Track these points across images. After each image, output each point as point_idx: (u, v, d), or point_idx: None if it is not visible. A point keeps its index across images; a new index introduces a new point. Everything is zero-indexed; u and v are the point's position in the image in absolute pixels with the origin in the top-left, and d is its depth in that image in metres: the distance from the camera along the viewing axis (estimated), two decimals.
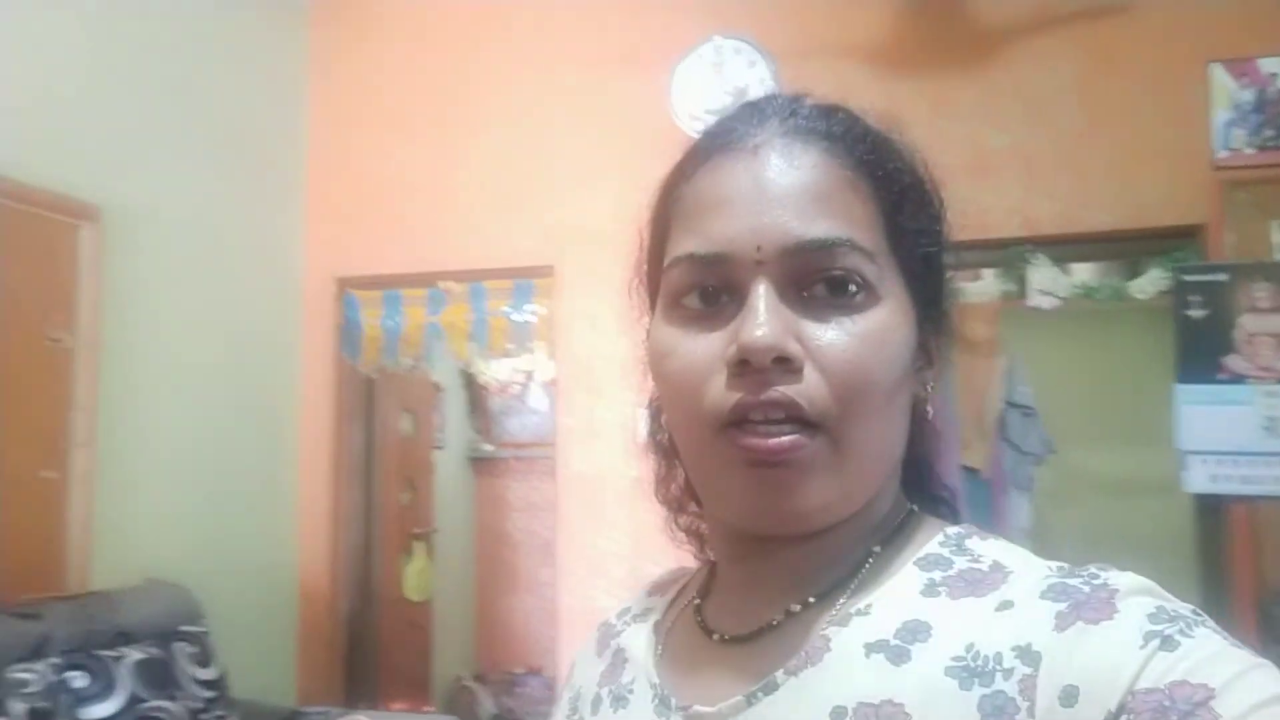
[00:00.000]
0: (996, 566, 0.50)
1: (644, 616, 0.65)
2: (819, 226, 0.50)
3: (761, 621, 0.54)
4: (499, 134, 3.36)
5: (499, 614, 4.65)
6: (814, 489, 0.50)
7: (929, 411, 0.58)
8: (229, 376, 3.13)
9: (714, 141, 0.55)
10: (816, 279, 0.50)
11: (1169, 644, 0.41)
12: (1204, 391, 2.06)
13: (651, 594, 0.68)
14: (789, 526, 0.52)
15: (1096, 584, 0.46)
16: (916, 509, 0.58)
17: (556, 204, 3.25)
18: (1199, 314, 2.11)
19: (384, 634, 3.57)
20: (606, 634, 0.67)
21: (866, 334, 0.50)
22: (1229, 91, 2.59)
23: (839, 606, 0.52)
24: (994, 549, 0.52)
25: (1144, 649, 0.41)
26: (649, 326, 0.57)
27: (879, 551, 0.54)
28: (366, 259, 3.47)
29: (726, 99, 2.73)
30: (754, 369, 0.48)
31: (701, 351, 0.51)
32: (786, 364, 0.48)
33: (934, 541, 0.54)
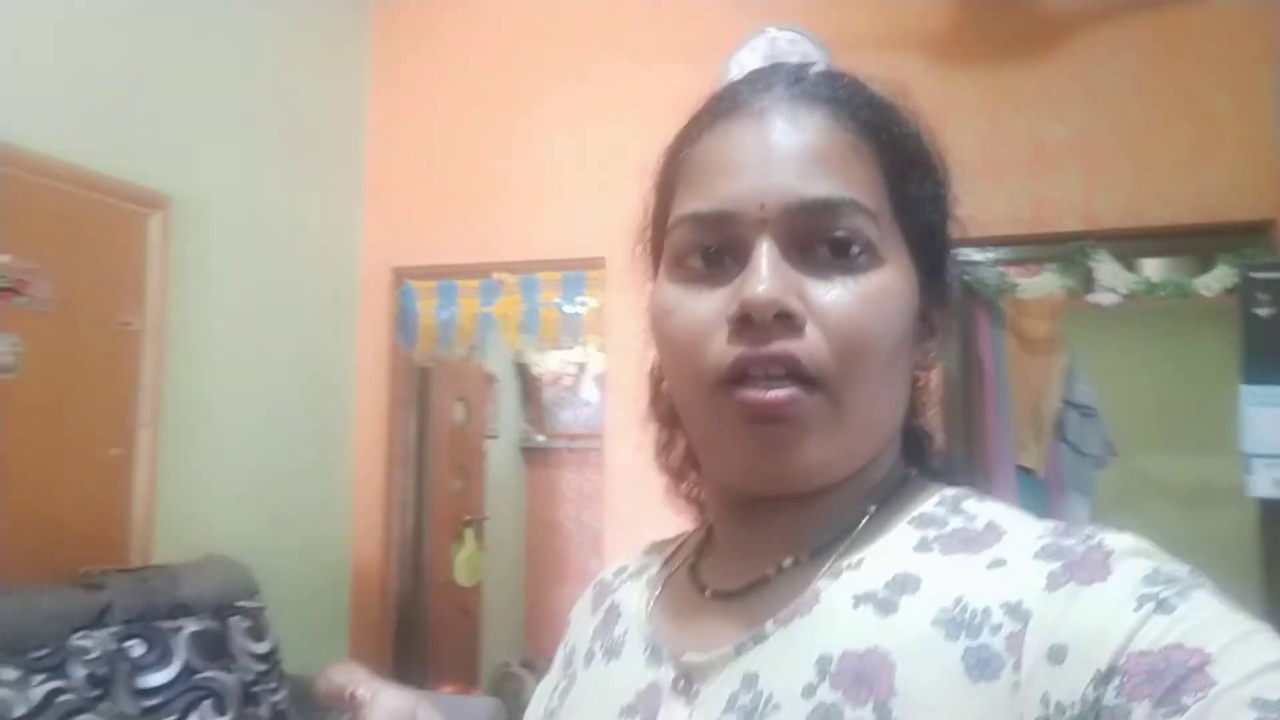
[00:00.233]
0: (991, 526, 0.50)
1: (639, 574, 0.66)
2: (822, 186, 0.50)
3: (754, 576, 0.54)
4: (554, 127, 3.39)
5: (547, 602, 4.70)
6: (812, 447, 0.50)
7: (928, 380, 0.58)
8: (288, 361, 3.21)
9: (720, 106, 0.56)
10: (819, 239, 0.50)
11: (1164, 607, 0.40)
12: (1271, 393, 1.98)
13: (649, 553, 0.69)
14: (787, 485, 0.52)
15: (1091, 544, 0.45)
16: (915, 473, 0.58)
17: (609, 196, 3.26)
18: (1267, 312, 2.02)
19: (433, 617, 3.63)
20: (602, 591, 0.68)
21: (868, 294, 0.50)
22: None
23: (831, 561, 0.52)
24: (990, 510, 0.52)
25: (1138, 611, 0.40)
26: (652, 289, 0.58)
27: (874, 511, 0.54)
28: (423, 249, 3.53)
29: None
30: (755, 325, 0.48)
31: (703, 309, 0.51)
32: (788, 321, 0.48)
33: (930, 502, 0.54)
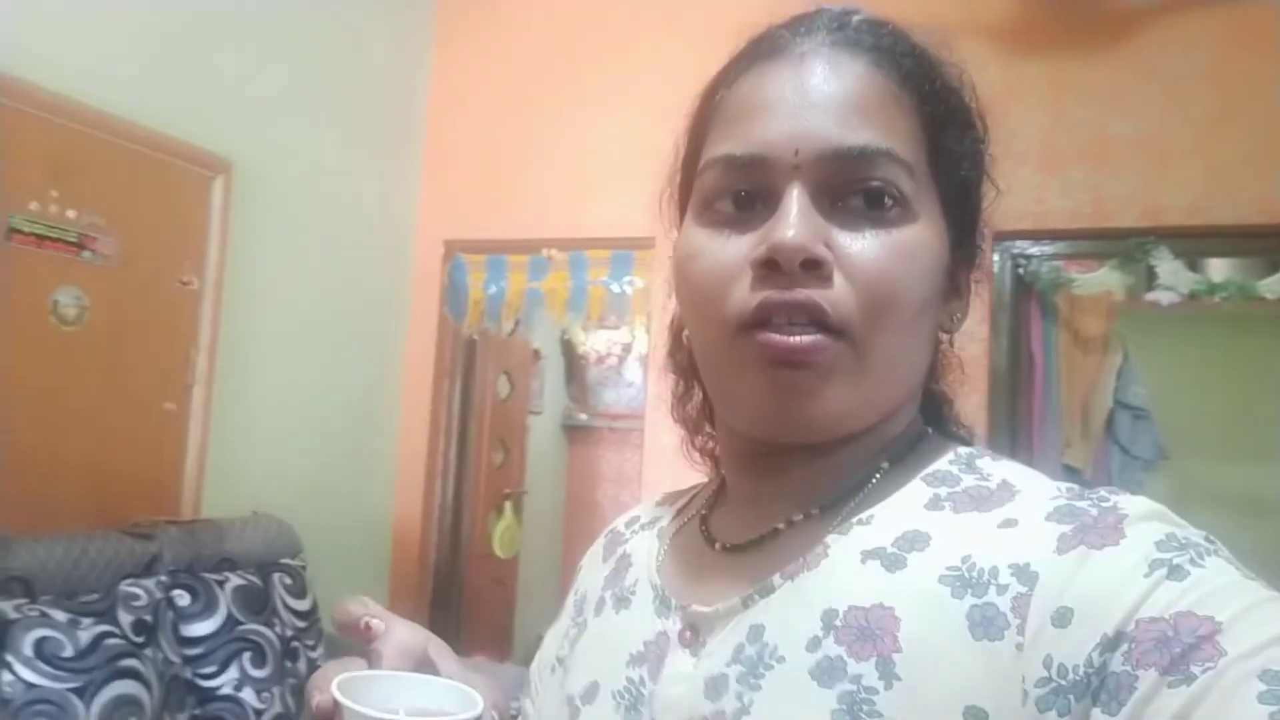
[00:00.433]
0: (1005, 485, 0.49)
1: (651, 525, 0.66)
2: (859, 135, 0.49)
3: (764, 530, 0.54)
4: (609, 106, 3.39)
5: None
6: (832, 395, 0.49)
7: (952, 342, 0.57)
8: (340, 327, 3.27)
9: (759, 49, 0.54)
10: (853, 189, 0.49)
11: (1177, 573, 0.39)
12: None
13: (660, 504, 0.69)
14: (803, 432, 0.51)
15: (1105, 507, 0.44)
16: (931, 431, 0.57)
17: (660, 176, 3.26)
18: None
19: (470, 586, 3.68)
20: (614, 541, 0.68)
21: (899, 247, 0.49)
22: None
23: (841, 516, 0.52)
24: (1005, 469, 0.52)
25: (1149, 577, 0.40)
26: (677, 236, 0.57)
27: (887, 468, 0.53)
28: (475, 223, 3.56)
29: None
30: (782, 271, 0.47)
31: (730, 253, 0.50)
32: (816, 269, 0.47)
33: (944, 459, 0.53)
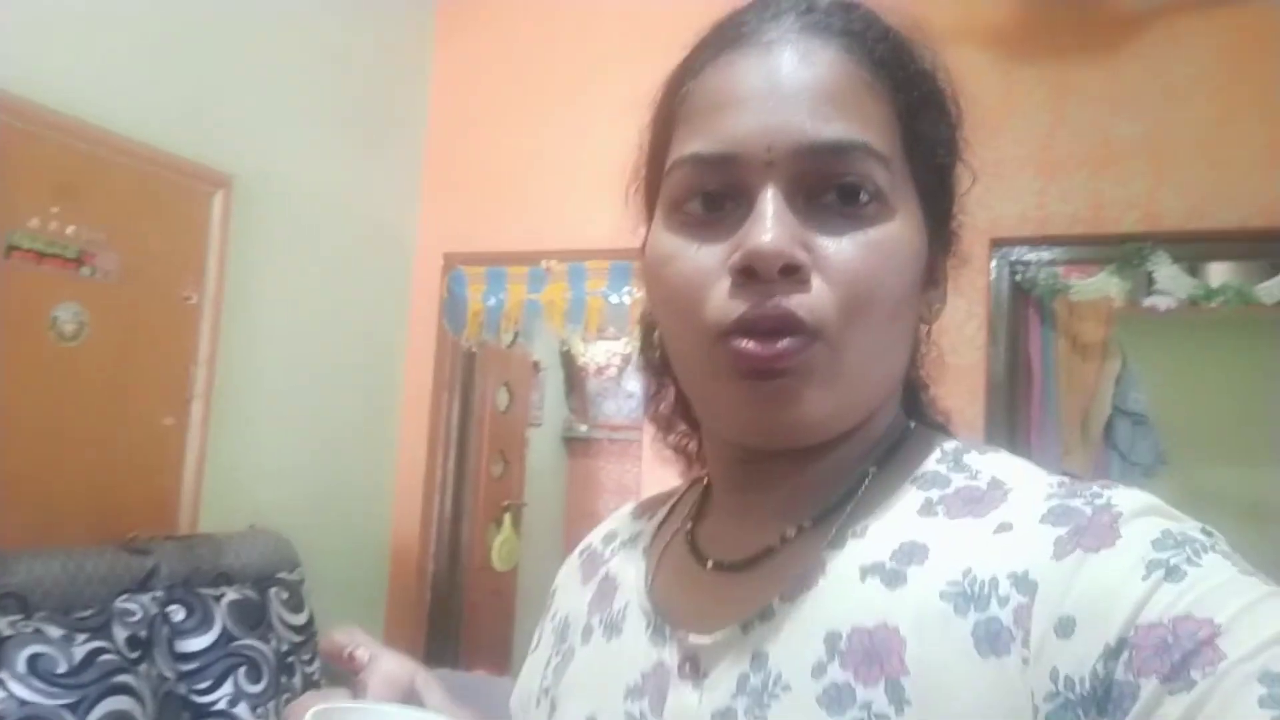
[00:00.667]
0: (995, 484, 0.48)
1: (632, 542, 0.63)
2: (834, 128, 0.47)
3: (757, 548, 0.52)
4: (608, 117, 3.35)
5: None
6: (811, 399, 0.47)
7: (930, 332, 0.56)
8: (339, 341, 3.27)
9: (724, 36, 0.52)
10: (828, 186, 0.47)
11: (1174, 574, 0.39)
12: None
13: (637, 517, 0.66)
14: (786, 439, 0.50)
15: (1099, 504, 0.43)
16: (914, 425, 0.56)
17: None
18: None
19: (469, 599, 3.67)
20: (593, 560, 0.66)
21: (877, 245, 0.47)
22: None
23: (835, 530, 0.50)
24: (992, 463, 0.51)
25: (1147, 580, 0.39)
26: (645, 236, 0.55)
27: (875, 472, 0.52)
28: (474, 236, 3.57)
29: None
30: (760, 278, 0.46)
31: (704, 259, 0.48)
32: (794, 274, 0.46)
33: (931, 459, 0.52)
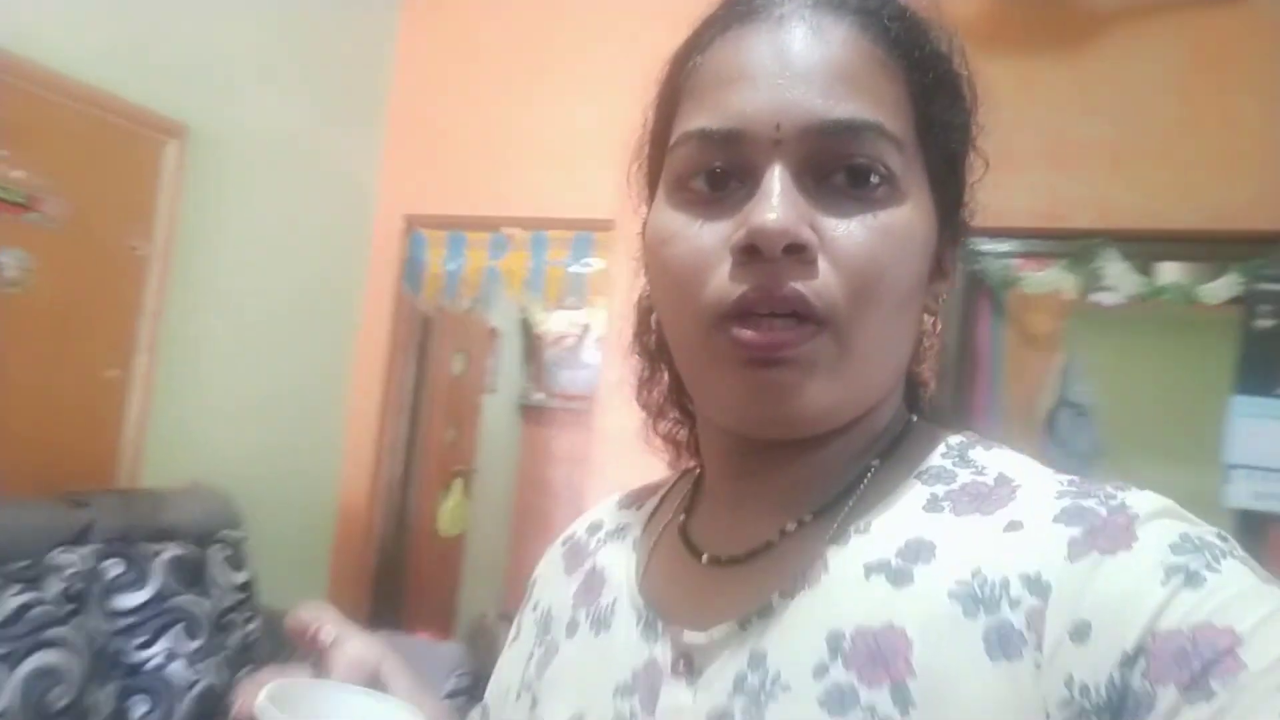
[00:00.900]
0: (1002, 480, 0.47)
1: (620, 534, 0.61)
2: (845, 107, 0.45)
3: (755, 541, 0.51)
4: (576, 87, 3.36)
5: (530, 558, 4.61)
6: (814, 390, 0.46)
7: (936, 325, 0.54)
8: (293, 299, 3.22)
9: (734, 9, 0.50)
10: (837, 166, 0.46)
11: (1194, 580, 0.38)
12: (1260, 404, 1.96)
13: (624, 508, 0.64)
14: (786, 429, 0.48)
15: (1114, 505, 0.42)
16: (916, 419, 0.54)
17: (624, 159, 3.24)
18: (1267, 324, 2.00)
19: (415, 563, 3.67)
20: (577, 551, 0.64)
21: (887, 229, 0.46)
22: None
23: (837, 524, 0.49)
24: (998, 459, 0.49)
25: (1166, 585, 0.38)
26: (646, 215, 0.53)
27: (878, 465, 0.50)
28: (436, 198, 3.52)
29: None
30: (763, 257, 0.44)
31: (706, 238, 0.46)
32: (799, 254, 0.44)
33: (935, 453, 0.51)
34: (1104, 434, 2.94)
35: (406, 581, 3.60)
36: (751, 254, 0.44)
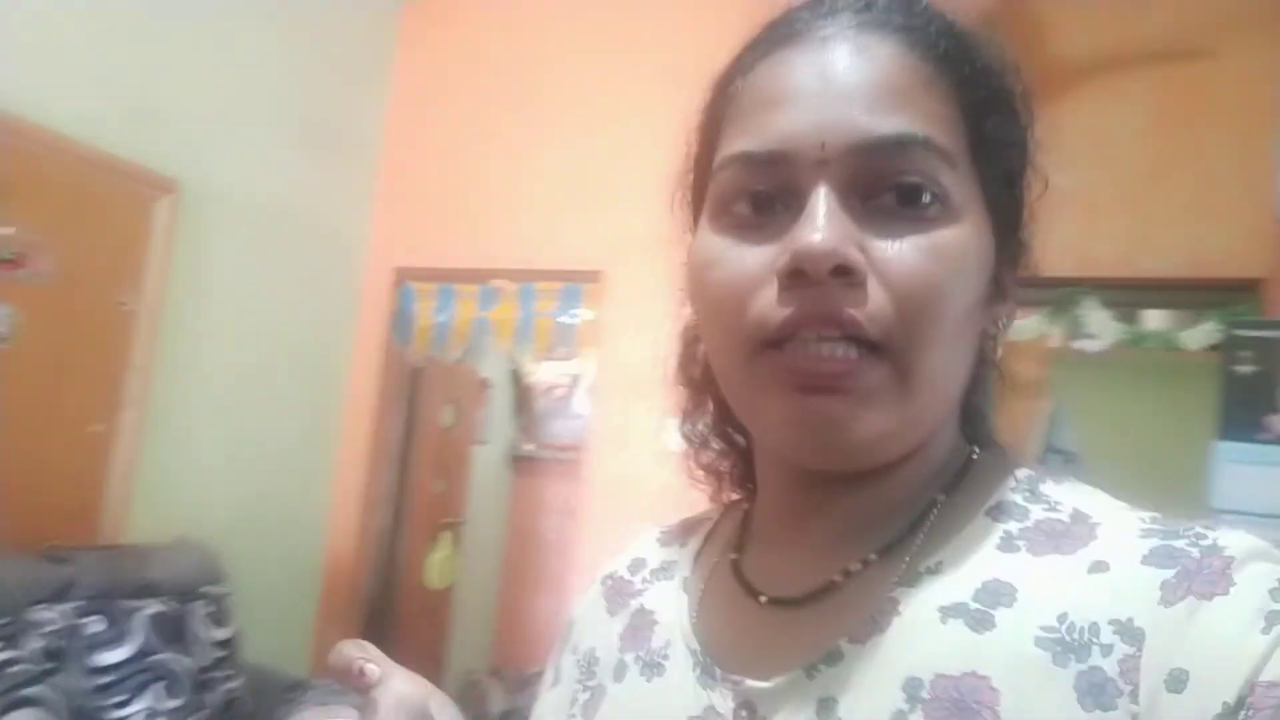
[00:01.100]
0: (1079, 517, 0.45)
1: (666, 572, 0.58)
2: (891, 122, 0.44)
3: (815, 581, 0.48)
4: (563, 139, 3.42)
5: (520, 611, 4.66)
6: (871, 421, 0.43)
7: (997, 351, 0.51)
8: (282, 352, 3.24)
9: (777, 33, 0.49)
10: (886, 185, 0.44)
11: None
12: (1244, 450, 1.97)
13: (667, 544, 0.61)
14: (840, 460, 0.46)
15: (1205, 545, 0.40)
16: (978, 451, 0.51)
17: (611, 211, 3.28)
18: (1247, 370, 2.02)
19: (402, 618, 3.62)
20: (620, 590, 0.60)
21: (941, 250, 0.43)
22: None
23: (905, 564, 0.46)
24: (1072, 494, 0.47)
25: (1267, 634, 0.36)
26: (690, 241, 0.51)
27: (944, 499, 0.48)
28: (426, 251, 3.56)
29: None
30: (810, 280, 0.42)
31: (750, 261, 0.45)
32: (847, 276, 0.42)
33: (1004, 487, 0.48)
34: (1091, 480, 2.95)
35: (394, 635, 3.55)
36: (797, 277, 0.42)
